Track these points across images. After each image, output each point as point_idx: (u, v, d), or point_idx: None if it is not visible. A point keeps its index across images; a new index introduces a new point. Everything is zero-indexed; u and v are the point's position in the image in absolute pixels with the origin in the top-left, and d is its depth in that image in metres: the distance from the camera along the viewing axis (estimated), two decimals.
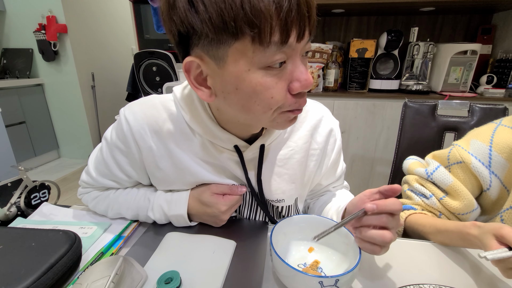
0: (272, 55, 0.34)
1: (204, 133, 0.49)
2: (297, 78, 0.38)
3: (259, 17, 0.31)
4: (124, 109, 0.51)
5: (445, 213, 0.58)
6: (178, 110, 0.50)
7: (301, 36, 0.35)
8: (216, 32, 0.33)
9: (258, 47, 0.33)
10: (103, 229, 0.54)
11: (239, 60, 0.35)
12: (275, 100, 0.38)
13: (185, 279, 0.41)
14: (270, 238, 0.41)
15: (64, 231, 0.46)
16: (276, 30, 0.33)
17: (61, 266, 0.40)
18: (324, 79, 1.70)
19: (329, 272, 0.44)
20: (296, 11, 0.33)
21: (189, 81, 0.40)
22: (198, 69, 0.39)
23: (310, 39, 0.37)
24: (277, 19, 0.32)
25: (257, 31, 0.32)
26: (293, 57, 0.37)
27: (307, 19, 0.34)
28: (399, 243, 0.53)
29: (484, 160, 0.55)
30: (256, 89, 0.37)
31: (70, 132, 2.81)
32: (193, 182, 0.54)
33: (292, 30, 0.34)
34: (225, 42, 0.34)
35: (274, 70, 0.36)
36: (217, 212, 0.51)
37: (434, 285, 0.40)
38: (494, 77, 1.60)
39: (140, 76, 2.00)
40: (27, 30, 2.47)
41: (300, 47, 0.36)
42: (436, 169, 0.60)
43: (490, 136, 0.56)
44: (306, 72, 0.38)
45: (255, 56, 0.34)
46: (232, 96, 0.39)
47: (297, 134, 0.55)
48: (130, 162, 0.53)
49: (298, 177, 0.56)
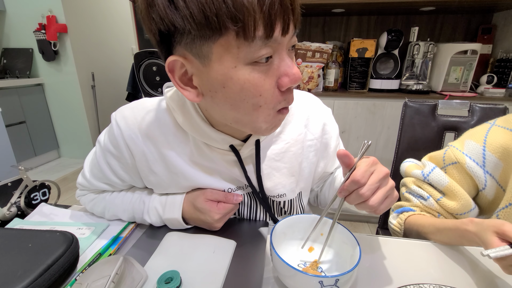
0: (258, 50, 0.34)
1: (198, 135, 0.48)
2: (285, 73, 0.37)
3: (242, 11, 0.31)
4: (116, 113, 0.50)
5: (443, 214, 0.58)
6: (171, 112, 0.49)
7: (286, 30, 0.34)
8: (199, 29, 0.32)
9: (243, 42, 0.33)
10: (101, 230, 0.54)
11: (224, 57, 0.34)
12: (264, 97, 0.38)
13: (185, 279, 0.41)
14: (270, 238, 0.41)
15: (61, 232, 0.45)
16: (260, 24, 0.32)
17: (58, 267, 0.39)
18: (324, 79, 1.70)
19: (329, 272, 0.44)
20: (279, 4, 0.32)
21: (174, 81, 0.39)
22: (182, 69, 0.38)
23: (295, 32, 0.37)
24: (260, 12, 0.31)
25: (241, 25, 0.31)
26: (279, 51, 0.36)
27: (291, 12, 0.34)
28: (399, 243, 0.53)
29: (478, 160, 0.55)
30: (244, 86, 0.36)
31: (70, 131, 2.81)
32: (187, 186, 0.53)
33: (276, 23, 0.33)
34: (209, 38, 0.33)
35: (261, 66, 0.36)
36: (210, 219, 0.51)
37: (434, 285, 0.40)
38: (494, 76, 1.59)
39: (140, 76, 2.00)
40: (27, 30, 2.47)
41: (286, 40, 0.36)
42: (432, 170, 0.60)
43: (483, 136, 0.56)
44: (294, 66, 0.38)
45: (240, 52, 0.34)
46: (219, 95, 0.38)
47: (290, 127, 0.55)
48: (122, 166, 0.52)
49: (296, 169, 0.56)
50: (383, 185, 0.40)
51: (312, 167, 0.58)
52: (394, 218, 0.64)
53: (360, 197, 0.39)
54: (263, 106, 0.39)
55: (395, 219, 0.63)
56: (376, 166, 0.41)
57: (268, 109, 0.40)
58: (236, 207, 0.54)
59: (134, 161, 0.51)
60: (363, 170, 0.39)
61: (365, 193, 0.38)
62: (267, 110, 0.40)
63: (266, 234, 0.54)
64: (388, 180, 0.41)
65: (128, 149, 0.50)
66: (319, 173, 0.61)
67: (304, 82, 1.64)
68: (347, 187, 0.39)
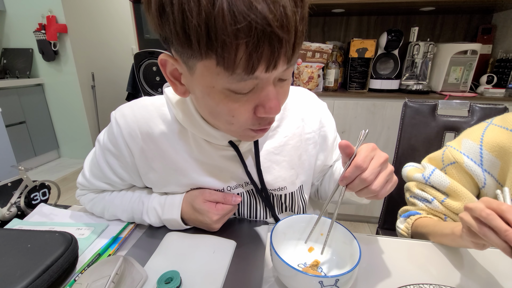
0: (237, 83, 0.33)
1: (198, 131, 0.48)
2: (262, 104, 0.37)
3: (223, 47, 0.29)
4: (115, 112, 0.50)
5: (449, 215, 0.58)
6: (171, 110, 0.49)
7: (271, 68, 0.32)
8: (182, 47, 0.32)
9: (222, 71, 0.32)
10: (100, 231, 0.54)
11: (205, 76, 0.34)
12: (236, 119, 0.38)
13: (185, 279, 0.41)
14: (270, 238, 0.41)
15: (60, 232, 0.45)
16: (242, 62, 0.30)
17: (57, 268, 0.39)
18: (324, 79, 1.70)
19: (329, 272, 0.44)
20: (268, 45, 0.30)
21: (165, 74, 0.40)
22: (173, 66, 0.39)
23: (288, 66, 0.35)
24: (242, 52, 0.30)
25: (220, 58, 0.31)
26: (263, 83, 0.35)
27: (283, 52, 0.31)
28: (399, 243, 0.53)
29: (476, 158, 0.56)
30: (218, 106, 0.37)
31: (70, 132, 2.81)
32: (187, 183, 0.53)
33: (260, 63, 0.31)
34: (193, 56, 0.33)
35: (238, 95, 0.35)
36: (208, 220, 0.50)
37: (434, 285, 0.40)
38: (494, 77, 1.59)
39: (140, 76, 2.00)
40: (27, 30, 2.47)
41: (272, 76, 0.34)
42: (432, 172, 0.60)
43: (480, 135, 0.56)
44: (274, 99, 0.36)
45: (219, 79, 0.33)
46: (200, 101, 0.40)
47: (287, 121, 0.55)
48: (122, 165, 0.53)
49: (296, 162, 0.56)
50: (383, 169, 0.40)
51: (312, 160, 0.59)
52: (401, 223, 0.64)
53: (363, 182, 0.38)
54: (236, 124, 0.39)
55: (402, 224, 0.63)
56: (376, 151, 0.41)
57: (240, 128, 0.41)
58: (235, 208, 0.54)
59: (133, 159, 0.51)
60: (364, 156, 0.38)
61: (368, 177, 0.38)
62: (240, 128, 0.41)
63: (266, 234, 0.54)
64: (387, 165, 0.41)
65: (127, 147, 0.50)
66: (319, 166, 0.62)
67: (304, 82, 1.64)
68: (350, 173, 0.39)
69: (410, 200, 0.65)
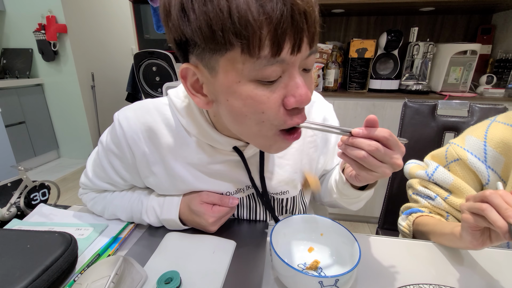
0: (263, 69, 0.33)
1: (202, 136, 0.48)
2: (292, 93, 0.35)
3: (246, 27, 0.30)
4: (118, 113, 0.50)
5: (452, 213, 0.58)
6: (174, 114, 0.49)
7: (297, 49, 0.32)
8: (206, 42, 0.32)
9: (248, 58, 0.32)
10: (100, 231, 0.54)
11: (229, 71, 0.34)
12: (267, 115, 0.36)
13: (185, 279, 0.41)
14: (270, 238, 0.41)
15: (60, 232, 0.45)
16: (266, 42, 0.31)
17: (56, 268, 0.39)
18: (324, 79, 1.70)
19: (329, 272, 0.44)
20: (290, 22, 0.30)
21: (186, 87, 0.40)
22: (194, 76, 0.39)
23: (311, 52, 0.35)
24: (267, 30, 0.30)
25: (245, 42, 0.31)
26: (289, 70, 0.34)
27: (305, 31, 0.32)
28: (399, 243, 0.53)
29: (480, 155, 0.56)
30: (246, 102, 0.35)
31: (70, 132, 2.81)
32: (185, 189, 0.53)
33: (285, 42, 0.31)
34: (216, 51, 0.33)
35: (266, 83, 0.35)
36: (204, 222, 0.50)
37: (434, 285, 0.40)
38: (494, 77, 1.59)
39: (140, 76, 2.00)
40: (27, 30, 2.47)
41: (298, 60, 0.34)
42: (436, 169, 0.60)
43: (484, 132, 0.56)
44: (303, 87, 0.35)
45: (245, 68, 0.33)
46: (224, 107, 0.38)
47: None
48: (124, 166, 0.53)
49: (299, 166, 0.56)
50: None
51: (312, 163, 0.58)
52: (403, 220, 0.64)
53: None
54: (266, 123, 0.37)
55: (404, 221, 0.63)
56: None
57: (271, 128, 0.38)
58: (232, 210, 0.54)
59: (135, 161, 0.51)
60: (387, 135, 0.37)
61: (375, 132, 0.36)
62: (271, 129, 0.38)
63: (266, 234, 0.54)
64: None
65: (130, 149, 0.50)
66: (320, 170, 0.61)
67: None
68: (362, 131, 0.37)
69: (412, 197, 0.65)
